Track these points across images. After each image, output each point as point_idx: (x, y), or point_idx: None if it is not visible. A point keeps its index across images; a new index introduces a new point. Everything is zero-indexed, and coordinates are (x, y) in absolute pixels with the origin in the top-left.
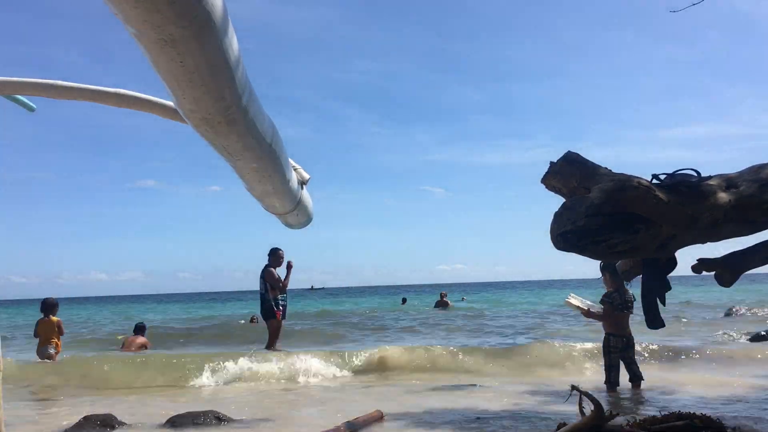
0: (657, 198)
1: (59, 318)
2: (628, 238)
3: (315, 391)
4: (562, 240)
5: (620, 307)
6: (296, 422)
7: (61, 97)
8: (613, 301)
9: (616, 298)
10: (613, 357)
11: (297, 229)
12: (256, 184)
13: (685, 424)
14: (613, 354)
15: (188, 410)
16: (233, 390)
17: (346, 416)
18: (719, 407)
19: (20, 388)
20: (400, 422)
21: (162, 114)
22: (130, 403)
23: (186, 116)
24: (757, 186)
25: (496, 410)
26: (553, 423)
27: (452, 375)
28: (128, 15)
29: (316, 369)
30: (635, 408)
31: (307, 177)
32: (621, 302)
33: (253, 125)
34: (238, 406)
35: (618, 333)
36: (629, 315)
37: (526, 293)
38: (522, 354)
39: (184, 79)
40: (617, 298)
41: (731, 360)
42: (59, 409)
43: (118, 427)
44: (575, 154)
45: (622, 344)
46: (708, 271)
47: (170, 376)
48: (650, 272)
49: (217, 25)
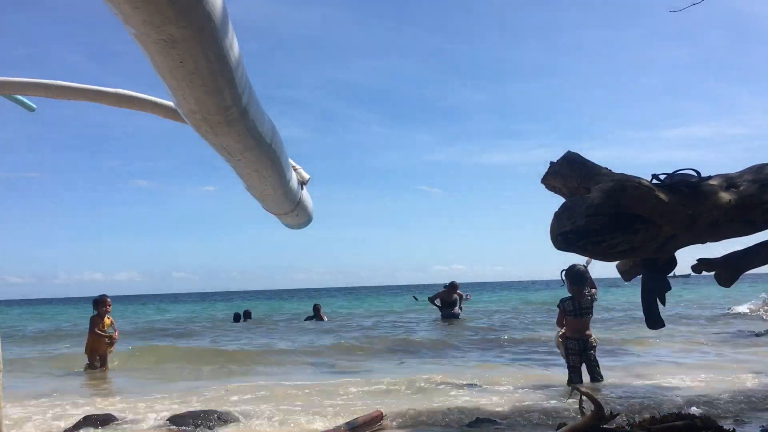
0: (657, 198)
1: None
2: (628, 238)
3: (316, 391)
4: (562, 240)
5: (571, 312)
6: (296, 422)
7: (61, 97)
8: (566, 307)
9: (569, 305)
10: (572, 358)
11: (297, 229)
12: (256, 184)
13: (685, 424)
14: (571, 356)
15: (188, 410)
16: (233, 390)
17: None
18: (720, 407)
19: (20, 388)
20: (400, 422)
21: (162, 114)
22: (130, 402)
23: (186, 116)
24: (758, 186)
25: (496, 410)
26: (553, 423)
27: (453, 374)
28: (128, 15)
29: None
30: (635, 408)
31: (307, 177)
32: (573, 308)
33: (253, 126)
34: (239, 405)
35: (573, 336)
36: (587, 319)
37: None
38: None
39: (184, 79)
40: (570, 304)
41: (731, 360)
42: (59, 408)
43: (118, 426)
44: (575, 154)
45: (579, 347)
46: (708, 271)
47: (171, 376)
48: (650, 272)
49: (217, 26)
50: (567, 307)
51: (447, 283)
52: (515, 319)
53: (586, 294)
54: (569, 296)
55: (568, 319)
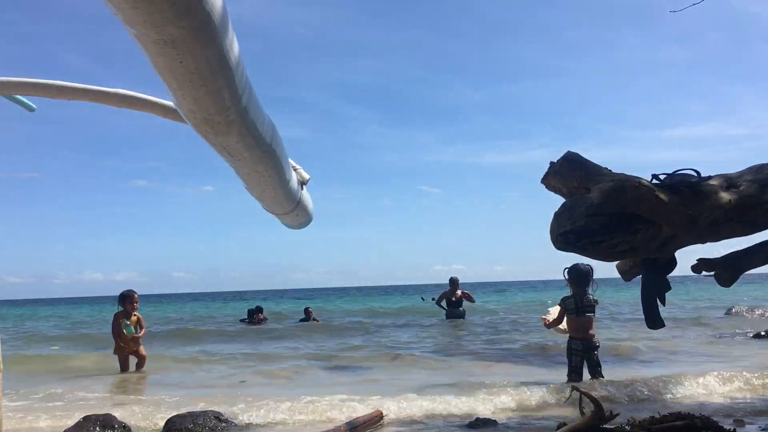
0: (657, 198)
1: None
2: (628, 238)
3: (315, 391)
4: (563, 240)
5: (574, 311)
6: (296, 421)
7: (61, 97)
8: (567, 306)
9: (571, 303)
10: (574, 359)
11: (297, 229)
12: (256, 184)
13: (685, 424)
14: (574, 356)
15: (188, 410)
16: (234, 390)
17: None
18: (719, 406)
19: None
20: (400, 422)
21: (162, 114)
22: (130, 402)
23: (186, 116)
24: (758, 186)
25: (495, 410)
26: (553, 423)
27: (453, 374)
28: (128, 15)
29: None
30: (635, 408)
31: (307, 177)
32: (575, 307)
33: (253, 125)
34: (239, 406)
35: (577, 336)
36: (591, 319)
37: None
38: (523, 353)
39: (184, 79)
40: (572, 303)
41: (731, 359)
42: (59, 408)
43: (118, 426)
44: (575, 154)
45: (582, 347)
46: (708, 271)
47: (172, 377)
48: (650, 272)
49: (217, 25)
50: (568, 306)
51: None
52: (514, 319)
53: (589, 293)
54: (571, 295)
55: (570, 318)
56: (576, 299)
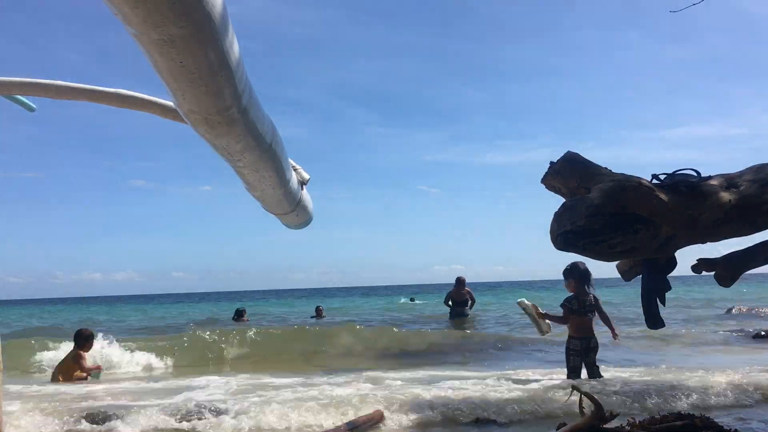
0: (657, 198)
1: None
2: (628, 238)
3: (315, 390)
4: (563, 240)
5: (578, 311)
6: (296, 420)
7: (61, 97)
8: (571, 305)
9: (574, 303)
10: (573, 359)
11: (296, 229)
12: (256, 184)
13: (685, 424)
14: (573, 356)
15: (186, 406)
16: (232, 387)
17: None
18: (720, 407)
19: (20, 387)
20: (400, 422)
21: (162, 114)
22: (130, 403)
23: (186, 116)
24: (758, 186)
25: (495, 410)
26: (553, 423)
27: (453, 374)
28: (128, 15)
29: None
30: (635, 408)
31: (307, 177)
32: (578, 306)
33: (253, 126)
34: (237, 403)
35: (578, 336)
36: (591, 319)
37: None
38: (522, 353)
39: (184, 79)
40: (575, 302)
41: (732, 359)
42: (59, 408)
43: (118, 426)
44: (575, 154)
45: (582, 347)
46: (708, 271)
47: (167, 372)
48: (650, 272)
49: (217, 25)
50: (573, 306)
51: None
52: (514, 319)
53: (589, 293)
54: (573, 294)
55: (573, 318)
56: (578, 299)
